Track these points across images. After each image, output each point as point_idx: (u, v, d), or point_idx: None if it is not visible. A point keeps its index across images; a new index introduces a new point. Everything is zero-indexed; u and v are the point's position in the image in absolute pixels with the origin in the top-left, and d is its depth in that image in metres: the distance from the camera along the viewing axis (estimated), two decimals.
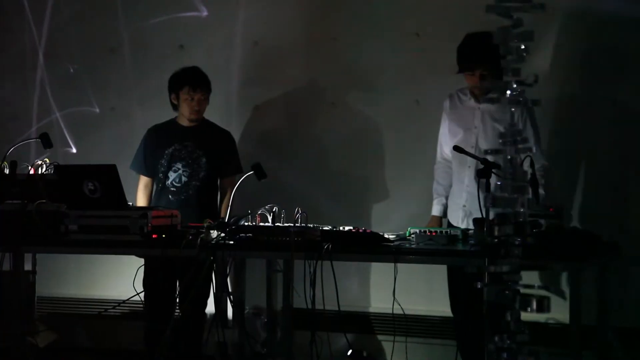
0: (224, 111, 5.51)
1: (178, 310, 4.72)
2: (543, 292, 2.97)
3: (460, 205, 4.53)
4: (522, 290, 3.01)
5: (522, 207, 2.97)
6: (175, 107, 4.96)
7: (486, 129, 4.48)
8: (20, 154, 5.07)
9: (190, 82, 4.86)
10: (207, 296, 4.76)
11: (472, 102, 4.52)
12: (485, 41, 4.22)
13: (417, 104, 5.29)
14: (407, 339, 4.77)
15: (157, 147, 4.96)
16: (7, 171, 4.21)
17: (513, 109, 3.28)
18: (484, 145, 4.42)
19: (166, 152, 4.92)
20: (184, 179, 4.89)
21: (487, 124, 4.48)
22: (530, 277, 3.09)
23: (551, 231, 3.64)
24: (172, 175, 4.90)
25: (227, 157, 4.97)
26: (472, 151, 4.36)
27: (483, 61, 4.32)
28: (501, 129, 4.28)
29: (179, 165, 4.89)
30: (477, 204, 3.96)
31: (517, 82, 2.93)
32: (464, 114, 4.56)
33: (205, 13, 5.62)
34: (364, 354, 4.98)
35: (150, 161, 4.97)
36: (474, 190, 4.40)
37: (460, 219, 4.53)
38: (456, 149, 4.24)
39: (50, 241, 4.06)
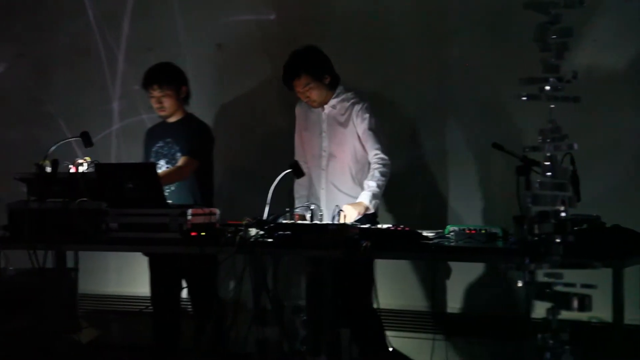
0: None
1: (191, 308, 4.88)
2: (585, 291, 2.94)
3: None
4: (564, 289, 2.98)
5: (562, 205, 2.95)
6: None
7: (332, 132, 4.70)
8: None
9: (143, 82, 4.91)
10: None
11: (319, 109, 4.75)
12: (295, 57, 4.69)
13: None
14: (448, 338, 4.76)
15: (148, 146, 5.03)
16: (49, 170, 4.25)
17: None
18: (332, 148, 4.71)
19: (152, 150, 4.97)
20: None
21: (333, 127, 4.71)
22: (572, 276, 3.07)
23: (592, 229, 3.60)
24: None
25: (189, 139, 4.87)
26: (323, 154, 4.71)
27: (293, 78, 4.63)
28: (345, 130, 4.67)
29: (162, 162, 4.90)
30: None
31: (556, 79, 2.90)
32: (314, 120, 4.79)
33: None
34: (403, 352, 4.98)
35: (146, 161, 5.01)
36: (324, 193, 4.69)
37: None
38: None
39: (92, 239, 4.10)
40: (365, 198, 4.45)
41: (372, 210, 4.46)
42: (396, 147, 4.99)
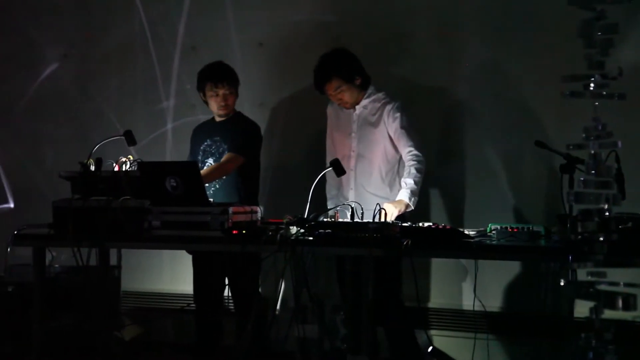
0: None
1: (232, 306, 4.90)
2: (629, 290, 2.90)
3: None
4: (608, 288, 2.95)
5: (607, 203, 2.91)
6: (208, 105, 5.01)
7: (362, 133, 4.72)
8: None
9: (211, 77, 4.89)
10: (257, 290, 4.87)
11: (350, 110, 4.77)
12: (324, 61, 4.68)
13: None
14: (489, 337, 4.73)
15: (195, 145, 5.05)
16: (93, 168, 4.30)
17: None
18: (360, 148, 4.72)
19: (200, 148, 4.99)
20: None
21: (363, 128, 4.73)
22: (616, 275, 3.03)
23: (637, 228, 3.54)
24: None
25: (235, 136, 4.88)
26: (352, 155, 4.72)
27: (325, 82, 4.65)
28: (375, 130, 4.67)
29: (210, 161, 4.92)
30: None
31: (601, 76, 2.86)
32: (345, 120, 4.80)
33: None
34: (444, 351, 4.95)
35: (193, 159, 5.02)
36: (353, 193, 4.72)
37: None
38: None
39: (135, 237, 4.12)
40: (404, 196, 4.44)
41: (412, 208, 4.45)
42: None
